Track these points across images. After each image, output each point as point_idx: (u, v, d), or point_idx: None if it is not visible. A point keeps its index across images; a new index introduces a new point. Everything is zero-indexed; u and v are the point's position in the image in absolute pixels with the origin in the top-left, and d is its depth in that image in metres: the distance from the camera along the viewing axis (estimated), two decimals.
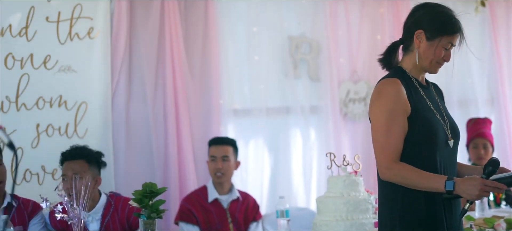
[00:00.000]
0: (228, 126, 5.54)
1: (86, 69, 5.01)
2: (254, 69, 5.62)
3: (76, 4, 4.95)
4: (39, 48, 4.84)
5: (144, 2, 5.22)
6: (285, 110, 5.74)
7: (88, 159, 4.33)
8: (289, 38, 5.69)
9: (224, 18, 5.50)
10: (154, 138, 5.23)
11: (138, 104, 5.23)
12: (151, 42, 5.23)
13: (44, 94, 4.87)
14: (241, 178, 5.48)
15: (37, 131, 4.86)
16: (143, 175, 5.12)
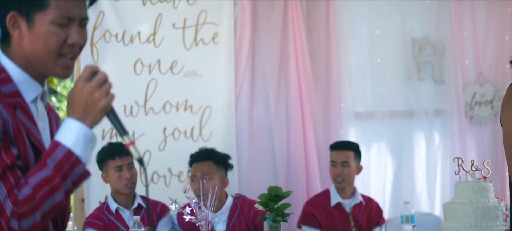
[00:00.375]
0: (350, 129, 5.49)
1: (211, 74, 5.10)
2: (376, 72, 5.55)
3: (201, 11, 5.04)
4: (166, 54, 4.96)
5: (266, 7, 5.25)
6: (408, 114, 5.64)
7: (216, 160, 4.44)
8: (412, 40, 5.58)
9: (346, 21, 5.46)
10: (276, 141, 5.26)
11: (261, 108, 5.27)
12: (274, 46, 5.26)
13: (171, 99, 4.99)
14: (363, 182, 5.41)
15: (164, 134, 4.99)
16: (265, 178, 5.16)
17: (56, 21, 1.92)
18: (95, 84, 1.87)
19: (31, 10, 1.92)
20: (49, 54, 1.93)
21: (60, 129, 1.89)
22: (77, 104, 1.88)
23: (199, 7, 5.03)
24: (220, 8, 5.10)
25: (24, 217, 1.80)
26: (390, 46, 5.55)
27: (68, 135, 1.86)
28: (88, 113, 1.87)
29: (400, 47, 5.58)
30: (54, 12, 1.91)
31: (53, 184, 1.82)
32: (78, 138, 1.86)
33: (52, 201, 1.83)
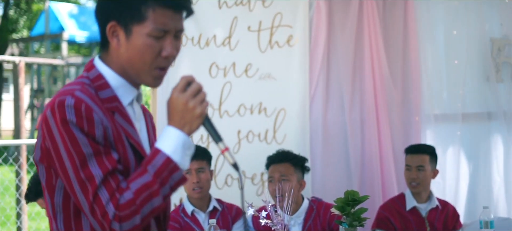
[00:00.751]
0: (427, 132, 5.40)
1: (285, 77, 5.08)
2: (453, 73, 5.45)
3: (276, 13, 5.04)
4: (241, 57, 4.96)
5: (342, 8, 5.21)
6: (486, 116, 5.51)
7: (294, 162, 4.46)
8: (490, 40, 5.45)
9: (423, 22, 5.38)
10: (350, 144, 5.22)
11: (335, 110, 5.23)
12: (349, 47, 5.21)
13: (245, 102, 4.99)
14: (437, 186, 5.32)
15: (238, 137, 5.00)
16: (339, 181, 5.14)
17: (152, 34, 2.02)
18: (189, 94, 2.00)
19: (130, 21, 2.02)
20: (144, 65, 2.04)
21: (160, 136, 2.02)
22: (174, 114, 2.01)
23: (274, 10, 5.02)
24: (295, 10, 5.09)
25: (125, 220, 1.92)
26: (468, 47, 5.44)
27: (168, 142, 1.99)
28: (185, 122, 2.00)
29: (478, 48, 5.47)
30: (151, 25, 2.01)
31: (152, 190, 1.95)
32: (177, 145, 1.99)
33: (151, 205, 1.95)
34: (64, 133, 1.94)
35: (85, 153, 1.94)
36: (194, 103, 2.00)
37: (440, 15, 5.45)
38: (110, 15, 2.04)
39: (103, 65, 2.10)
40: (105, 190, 1.93)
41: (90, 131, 1.95)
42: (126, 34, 2.03)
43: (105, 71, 2.09)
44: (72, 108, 1.94)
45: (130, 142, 2.06)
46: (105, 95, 2.05)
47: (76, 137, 1.93)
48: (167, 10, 2.02)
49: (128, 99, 2.10)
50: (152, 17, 2.01)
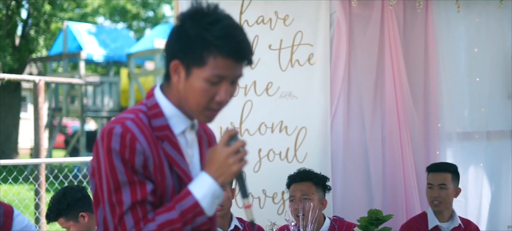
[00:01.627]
0: (447, 150, 5.36)
1: (306, 95, 5.06)
2: (474, 91, 5.40)
3: (297, 32, 5.03)
4: (262, 76, 4.96)
5: (362, 27, 5.20)
6: (508, 134, 5.45)
7: (316, 181, 4.43)
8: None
9: (444, 39, 5.35)
10: (372, 163, 5.18)
11: (356, 129, 5.20)
12: (370, 65, 5.19)
13: (266, 120, 4.98)
14: (460, 204, 5.26)
15: (259, 156, 4.99)
16: (360, 200, 5.10)
17: (209, 80, 2.11)
18: (232, 151, 2.11)
19: (191, 63, 2.13)
20: (197, 106, 2.16)
21: (195, 180, 2.15)
22: (213, 164, 2.13)
23: (295, 28, 5.02)
24: (316, 28, 5.08)
25: None
26: (490, 64, 5.40)
27: (200, 188, 2.13)
28: (221, 174, 2.12)
29: (500, 65, 5.42)
30: (209, 71, 2.11)
31: (174, 227, 2.08)
32: (207, 193, 2.12)
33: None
34: (107, 160, 2.10)
35: (120, 180, 2.09)
36: (233, 160, 2.11)
37: (460, 33, 5.42)
38: (175, 54, 2.15)
39: (162, 95, 2.23)
40: (131, 216, 2.09)
41: (130, 159, 2.09)
42: (186, 74, 2.14)
43: (162, 101, 2.22)
44: (118, 137, 2.10)
45: (176, 170, 2.19)
46: (158, 124, 2.18)
47: (115, 166, 2.09)
48: (228, 59, 2.10)
49: (180, 129, 2.22)
50: (211, 63, 2.09)
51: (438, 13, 5.32)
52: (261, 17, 4.96)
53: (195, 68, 2.11)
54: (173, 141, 2.20)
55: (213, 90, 2.12)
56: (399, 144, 5.17)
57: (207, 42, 2.08)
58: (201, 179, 2.13)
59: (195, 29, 2.10)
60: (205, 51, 2.09)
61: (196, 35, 2.10)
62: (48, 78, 12.78)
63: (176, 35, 2.17)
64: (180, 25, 2.16)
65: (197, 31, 2.10)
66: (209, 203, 2.12)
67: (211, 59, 2.09)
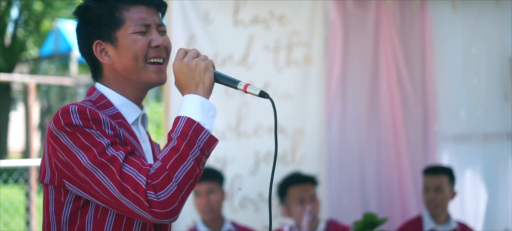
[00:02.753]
0: (444, 152, 5.32)
1: (303, 96, 5.02)
2: (471, 92, 5.36)
3: (293, 32, 4.99)
4: (258, 77, 4.91)
5: (358, 27, 5.17)
6: (505, 136, 5.42)
7: (314, 182, 4.44)
8: (509, 59, 5.37)
9: (441, 40, 5.30)
10: (367, 164, 5.15)
11: (352, 131, 5.17)
12: (366, 66, 5.18)
13: (263, 122, 4.93)
14: (456, 207, 5.23)
15: (256, 159, 4.93)
16: (356, 202, 5.08)
17: (135, 30, 2.07)
18: (189, 57, 2.01)
19: (111, 31, 2.08)
20: (137, 59, 2.07)
21: (179, 107, 2.00)
22: (184, 82, 2.01)
23: (290, 28, 4.97)
24: (312, 29, 5.04)
25: (160, 188, 1.86)
26: (487, 66, 5.36)
27: (186, 107, 1.97)
28: (196, 83, 1.99)
29: (497, 67, 5.39)
30: (131, 24, 2.08)
31: (180, 152, 1.89)
32: (195, 107, 1.96)
33: (184, 169, 1.88)
34: (74, 133, 1.93)
35: (101, 142, 1.91)
36: (195, 61, 2.00)
37: (458, 34, 5.37)
38: (91, 38, 2.10)
39: (104, 87, 2.13)
40: (130, 166, 1.90)
41: (99, 129, 1.94)
42: (113, 44, 2.08)
43: (106, 91, 2.11)
44: (76, 113, 1.94)
45: (137, 155, 2.02)
46: (109, 113, 2.06)
47: (88, 132, 1.92)
48: (140, 6, 2.10)
49: (132, 118, 2.11)
50: (128, 17, 2.08)
51: (434, 13, 5.29)
52: (256, 17, 4.91)
53: (118, 32, 2.08)
54: (130, 129, 2.08)
55: (145, 39, 2.08)
56: (395, 146, 5.14)
57: (113, 2, 2.09)
58: (183, 102, 1.99)
59: (96, 3, 2.10)
60: (116, 11, 2.08)
61: (100, 8, 2.09)
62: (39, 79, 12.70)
63: (83, 26, 2.13)
64: (80, 17, 2.14)
65: (99, 4, 2.09)
66: (202, 115, 1.96)
67: (125, 14, 2.08)
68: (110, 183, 1.88)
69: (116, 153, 1.90)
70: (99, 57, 2.10)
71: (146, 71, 2.08)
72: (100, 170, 1.89)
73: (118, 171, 1.88)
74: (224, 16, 4.85)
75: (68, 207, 2.01)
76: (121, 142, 1.96)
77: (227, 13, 4.87)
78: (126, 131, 2.05)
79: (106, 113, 2.03)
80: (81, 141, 1.91)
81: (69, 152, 1.93)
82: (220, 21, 4.84)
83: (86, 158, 1.90)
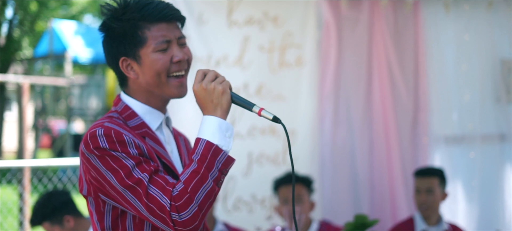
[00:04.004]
0: (436, 154, 5.33)
1: (295, 98, 5.03)
2: (463, 94, 5.37)
3: (286, 33, 4.99)
4: (253, 78, 4.93)
5: (351, 28, 5.17)
6: (497, 138, 5.43)
7: (307, 183, 4.43)
8: (501, 61, 5.38)
9: (433, 42, 5.31)
10: (359, 166, 5.16)
11: (344, 132, 5.18)
12: (358, 68, 5.18)
13: (257, 123, 4.94)
14: (448, 208, 5.24)
15: (249, 160, 4.94)
16: (349, 203, 5.07)
17: (157, 49, 2.20)
18: (207, 80, 2.13)
19: (135, 49, 2.22)
20: (159, 77, 2.21)
21: (200, 127, 2.14)
22: (203, 103, 2.14)
23: (284, 29, 4.98)
24: (305, 30, 5.04)
25: (182, 209, 2.02)
26: (478, 68, 5.37)
27: (205, 129, 2.11)
28: (214, 105, 2.13)
29: (489, 69, 5.40)
30: (153, 42, 2.20)
31: (200, 175, 2.04)
32: (214, 129, 2.10)
33: (204, 190, 2.04)
34: (103, 157, 2.09)
35: (127, 164, 2.08)
36: (213, 85, 2.12)
37: (450, 36, 5.38)
38: (117, 54, 2.25)
39: (128, 97, 2.29)
40: (155, 187, 2.05)
41: (124, 150, 2.10)
42: (137, 61, 2.23)
43: (131, 102, 2.27)
44: (103, 137, 2.10)
45: (163, 161, 2.20)
46: (134, 124, 2.23)
47: (115, 155, 2.09)
48: (160, 24, 2.22)
49: (156, 124, 2.27)
50: (150, 36, 2.21)
51: (427, 15, 5.30)
52: (251, 18, 4.91)
53: (141, 51, 2.21)
54: (154, 136, 2.24)
55: (166, 56, 2.21)
56: (388, 147, 5.15)
57: (134, 23, 2.21)
58: (202, 123, 2.12)
59: (119, 23, 2.22)
60: (138, 31, 2.20)
61: (123, 27, 2.21)
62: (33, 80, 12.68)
63: (109, 42, 2.28)
64: (105, 33, 2.28)
65: (121, 24, 2.22)
66: (220, 137, 2.10)
67: (147, 33, 2.20)
68: (138, 204, 2.07)
69: (142, 176, 2.07)
70: (125, 72, 2.25)
71: (168, 86, 2.23)
72: (129, 191, 2.07)
73: (144, 193, 2.05)
74: (218, 17, 4.86)
75: (109, 216, 2.19)
76: (146, 160, 2.11)
77: (221, 14, 4.87)
78: (151, 139, 2.21)
79: (131, 124, 2.22)
80: (109, 164, 2.08)
81: (100, 173, 2.11)
82: (214, 22, 4.84)
83: (115, 179, 2.08)
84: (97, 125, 2.16)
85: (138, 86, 2.26)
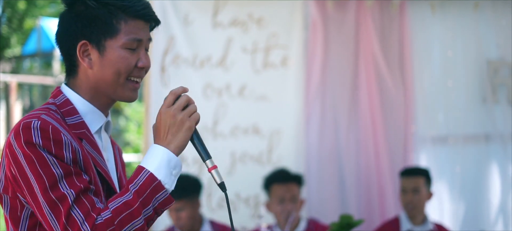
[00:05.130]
0: (422, 154, 5.34)
1: (280, 98, 5.04)
2: (449, 94, 5.38)
3: (271, 34, 5.00)
4: (236, 78, 4.94)
5: (338, 28, 5.17)
6: (483, 138, 5.44)
7: (299, 181, 4.46)
8: (487, 62, 5.39)
9: (419, 42, 5.32)
10: (346, 166, 5.16)
11: (330, 132, 5.18)
12: (346, 68, 5.18)
13: (240, 123, 4.95)
14: (434, 208, 5.25)
15: (232, 159, 4.94)
16: (335, 203, 5.08)
17: (127, 46, 1.99)
18: (177, 107, 1.92)
19: (102, 37, 1.98)
20: (119, 77, 1.98)
21: (146, 155, 1.92)
22: (162, 130, 1.92)
23: (269, 30, 4.99)
24: (291, 30, 5.05)
25: None
26: (464, 68, 5.38)
27: (151, 160, 1.89)
28: (172, 138, 1.91)
29: (475, 69, 5.41)
30: (125, 37, 1.98)
31: (133, 209, 1.82)
32: (161, 163, 1.88)
33: (132, 227, 1.82)
34: (31, 155, 1.84)
35: (55, 173, 1.83)
36: (182, 116, 1.92)
37: (436, 36, 5.39)
38: (78, 36, 1.99)
39: (71, 91, 2.02)
40: (79, 210, 1.81)
41: (58, 153, 1.85)
42: (100, 51, 1.98)
43: (73, 97, 2.01)
44: (38, 130, 1.85)
45: (98, 169, 1.95)
46: (73, 121, 1.97)
47: (45, 158, 1.84)
48: (139, 21, 2.00)
49: (96, 127, 2.02)
50: (124, 29, 1.99)
51: (413, 15, 5.30)
52: (235, 20, 4.92)
53: (108, 40, 1.98)
54: (92, 140, 1.99)
55: (133, 57, 1.99)
56: (375, 147, 5.16)
57: (114, 9, 1.98)
58: (151, 151, 1.91)
59: (94, 3, 1.98)
60: (114, 18, 1.98)
61: (97, 8, 1.98)
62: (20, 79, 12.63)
63: (73, 19, 2.01)
64: (71, 9, 2.02)
65: (97, 5, 1.98)
66: (165, 174, 1.88)
67: (122, 24, 1.98)
68: (56, 223, 1.82)
69: (68, 192, 1.82)
70: (80, 58, 1.99)
71: (123, 88, 2.00)
72: (48, 207, 1.83)
73: (65, 213, 1.81)
74: (204, 18, 4.87)
75: (25, 223, 1.94)
76: (77, 171, 1.87)
77: (207, 15, 4.88)
78: (88, 143, 1.96)
79: (70, 121, 1.96)
80: (35, 167, 1.84)
81: (22, 173, 1.86)
82: (200, 23, 4.85)
83: (37, 187, 1.84)
84: (33, 115, 1.89)
85: (86, 78, 2.00)
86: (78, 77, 2.03)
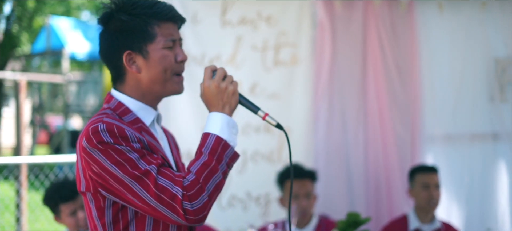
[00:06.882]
0: (430, 152, 5.35)
1: (290, 96, 5.06)
2: (457, 93, 5.39)
3: (280, 32, 5.02)
4: (246, 76, 4.96)
5: (346, 27, 5.18)
6: (490, 137, 5.45)
7: (313, 177, 4.48)
8: (495, 60, 5.40)
9: (427, 41, 5.33)
10: (353, 164, 5.17)
11: (338, 130, 5.19)
12: (353, 67, 5.19)
13: (251, 121, 4.97)
14: (441, 206, 5.26)
15: (243, 157, 4.96)
16: (344, 201, 5.09)
17: (166, 46, 2.29)
18: (218, 78, 2.26)
19: (143, 44, 2.28)
20: (165, 73, 2.29)
21: (206, 123, 2.24)
22: (212, 100, 2.25)
23: (278, 28, 5.01)
24: (299, 29, 5.07)
25: (194, 198, 2.10)
26: (472, 67, 5.38)
27: (214, 125, 2.22)
28: (224, 103, 2.24)
29: (482, 68, 5.41)
30: (162, 39, 2.29)
31: (211, 167, 2.14)
32: (222, 125, 2.21)
33: (214, 181, 2.13)
34: (107, 150, 2.12)
35: (132, 157, 2.12)
36: (225, 84, 2.25)
37: (444, 35, 5.39)
38: (121, 48, 2.28)
39: (120, 94, 2.32)
40: (164, 178, 2.11)
41: (128, 144, 2.13)
42: (144, 56, 2.28)
43: (124, 99, 2.30)
44: (105, 132, 2.13)
45: (160, 155, 2.23)
46: (129, 119, 2.26)
47: (120, 149, 2.12)
48: (169, 23, 2.30)
49: (149, 120, 2.31)
50: (160, 32, 2.28)
51: (421, 14, 5.31)
52: (244, 18, 4.94)
53: (149, 46, 2.27)
54: (149, 131, 2.29)
55: (172, 54, 2.30)
56: (383, 146, 5.16)
57: (146, 18, 2.26)
58: (210, 119, 2.22)
59: (129, 17, 2.27)
60: (148, 26, 2.26)
61: (133, 21, 2.26)
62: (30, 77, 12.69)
63: (113, 35, 2.29)
64: (109, 26, 2.30)
65: (131, 18, 2.26)
66: (228, 133, 2.21)
67: (156, 30, 2.27)
68: (146, 194, 2.10)
69: (149, 167, 2.11)
70: (127, 66, 2.28)
71: (171, 83, 2.30)
72: (137, 182, 2.10)
73: (153, 183, 2.09)
74: (212, 17, 4.89)
75: (109, 211, 2.22)
76: (149, 153, 2.16)
77: (215, 14, 4.90)
78: (147, 134, 2.25)
79: (127, 120, 2.25)
80: (113, 157, 2.11)
81: (103, 167, 2.13)
82: (208, 21, 4.87)
83: (120, 172, 2.11)
84: (97, 120, 2.18)
85: (136, 81, 2.30)
86: (126, 83, 2.32)
